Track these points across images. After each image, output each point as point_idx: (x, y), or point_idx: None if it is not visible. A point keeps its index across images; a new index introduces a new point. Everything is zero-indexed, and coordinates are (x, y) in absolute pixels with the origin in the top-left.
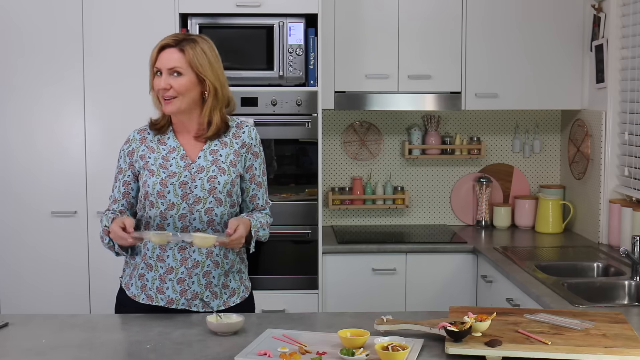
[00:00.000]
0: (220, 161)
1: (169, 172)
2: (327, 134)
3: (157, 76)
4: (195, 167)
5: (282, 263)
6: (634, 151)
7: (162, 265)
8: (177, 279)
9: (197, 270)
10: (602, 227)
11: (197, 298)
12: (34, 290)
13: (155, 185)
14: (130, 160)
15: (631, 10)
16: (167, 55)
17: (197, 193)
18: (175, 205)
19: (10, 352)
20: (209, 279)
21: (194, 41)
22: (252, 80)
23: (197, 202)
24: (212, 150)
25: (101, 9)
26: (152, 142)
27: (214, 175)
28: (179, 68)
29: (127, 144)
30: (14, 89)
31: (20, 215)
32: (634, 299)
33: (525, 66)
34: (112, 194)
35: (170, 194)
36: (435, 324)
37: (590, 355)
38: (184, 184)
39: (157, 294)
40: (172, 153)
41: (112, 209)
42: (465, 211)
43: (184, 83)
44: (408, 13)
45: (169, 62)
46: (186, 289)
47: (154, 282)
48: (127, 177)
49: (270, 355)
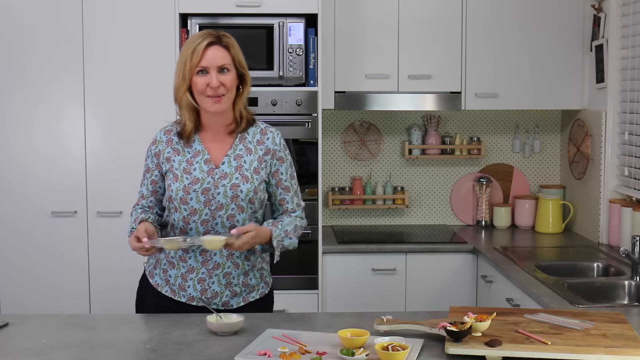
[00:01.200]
0: (244, 168)
1: (192, 179)
2: (327, 134)
3: (201, 75)
4: (219, 173)
5: (282, 263)
6: (634, 151)
7: (184, 265)
8: (198, 279)
9: (217, 271)
10: (602, 227)
11: (217, 297)
12: (34, 290)
13: (179, 192)
14: (157, 161)
15: (631, 10)
16: (214, 52)
17: (220, 200)
18: (198, 211)
19: (10, 352)
20: (229, 280)
21: (228, 37)
22: (252, 80)
23: (219, 209)
24: (236, 155)
25: (101, 9)
26: (178, 144)
27: (236, 183)
28: (228, 65)
29: (154, 144)
30: (14, 89)
31: (20, 215)
32: (634, 299)
33: (525, 66)
34: (141, 190)
35: (192, 201)
36: (435, 324)
37: (590, 355)
38: (206, 190)
39: (180, 291)
40: (196, 157)
41: (141, 204)
42: (465, 211)
43: (232, 79)
44: (408, 13)
45: (218, 59)
46: (206, 289)
47: (176, 279)
48: (154, 176)
49: (270, 355)
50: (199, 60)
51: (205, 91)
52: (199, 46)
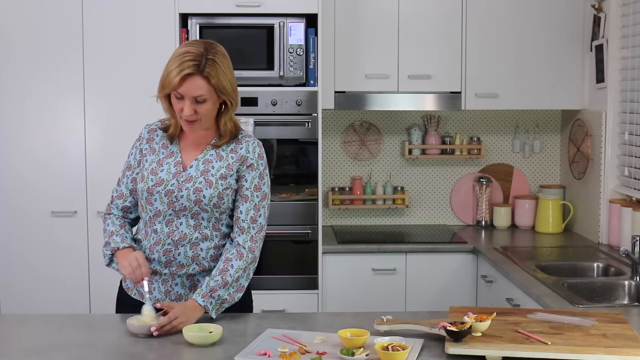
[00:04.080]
0: (210, 173)
1: (157, 180)
2: (327, 134)
3: (177, 99)
4: (185, 176)
5: (282, 263)
6: (634, 151)
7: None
8: (162, 280)
9: (180, 273)
10: (602, 227)
11: (180, 299)
12: (34, 290)
13: (143, 192)
14: (139, 158)
15: (631, 10)
16: (191, 83)
17: (183, 202)
18: (162, 212)
19: (10, 352)
20: (193, 281)
21: (213, 62)
22: (252, 80)
23: (183, 210)
24: (206, 160)
25: (101, 9)
26: (157, 144)
27: (199, 188)
28: (204, 96)
29: (139, 141)
30: (14, 89)
31: (20, 215)
32: (634, 299)
33: (525, 66)
34: (119, 188)
35: (157, 202)
36: (435, 324)
37: (590, 355)
38: (170, 192)
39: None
40: (169, 158)
41: (116, 204)
42: (465, 211)
43: (208, 107)
44: (408, 13)
45: (194, 90)
46: (169, 290)
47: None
48: (135, 174)
49: (270, 355)
50: (175, 87)
51: (180, 113)
52: (177, 76)
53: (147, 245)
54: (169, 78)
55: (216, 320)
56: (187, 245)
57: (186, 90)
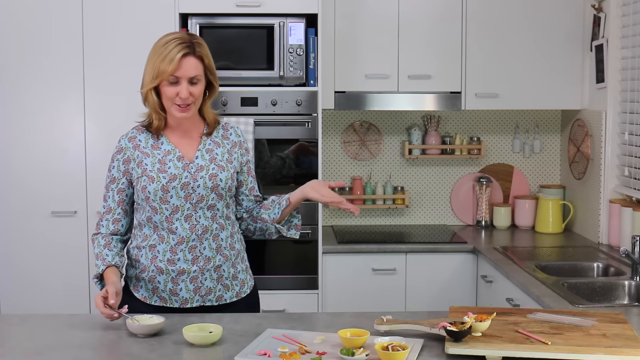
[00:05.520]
0: (218, 159)
1: (169, 176)
2: (327, 134)
3: (171, 84)
4: (195, 166)
5: (282, 263)
6: (634, 151)
7: (174, 268)
8: (190, 278)
9: (209, 266)
10: (602, 227)
11: (210, 293)
12: (34, 290)
13: (157, 192)
14: (126, 168)
15: (631, 10)
16: (188, 64)
17: (200, 192)
18: (180, 207)
19: (10, 352)
20: (219, 273)
21: (200, 44)
22: (252, 80)
23: (200, 201)
24: (207, 149)
25: (101, 9)
26: (145, 147)
27: (214, 173)
28: (199, 76)
29: (120, 153)
30: (14, 89)
31: (20, 215)
32: (634, 299)
33: (525, 66)
34: (106, 204)
35: (173, 198)
36: (435, 324)
37: (590, 355)
38: (185, 185)
39: (171, 296)
40: (168, 156)
41: (106, 218)
42: (465, 211)
43: (201, 89)
44: (408, 13)
45: (191, 71)
46: (199, 286)
47: (166, 284)
48: (121, 184)
49: (270, 355)
50: (174, 69)
51: (174, 99)
52: (175, 56)
53: (167, 248)
54: (164, 63)
55: (216, 320)
56: (210, 237)
57: (184, 71)
